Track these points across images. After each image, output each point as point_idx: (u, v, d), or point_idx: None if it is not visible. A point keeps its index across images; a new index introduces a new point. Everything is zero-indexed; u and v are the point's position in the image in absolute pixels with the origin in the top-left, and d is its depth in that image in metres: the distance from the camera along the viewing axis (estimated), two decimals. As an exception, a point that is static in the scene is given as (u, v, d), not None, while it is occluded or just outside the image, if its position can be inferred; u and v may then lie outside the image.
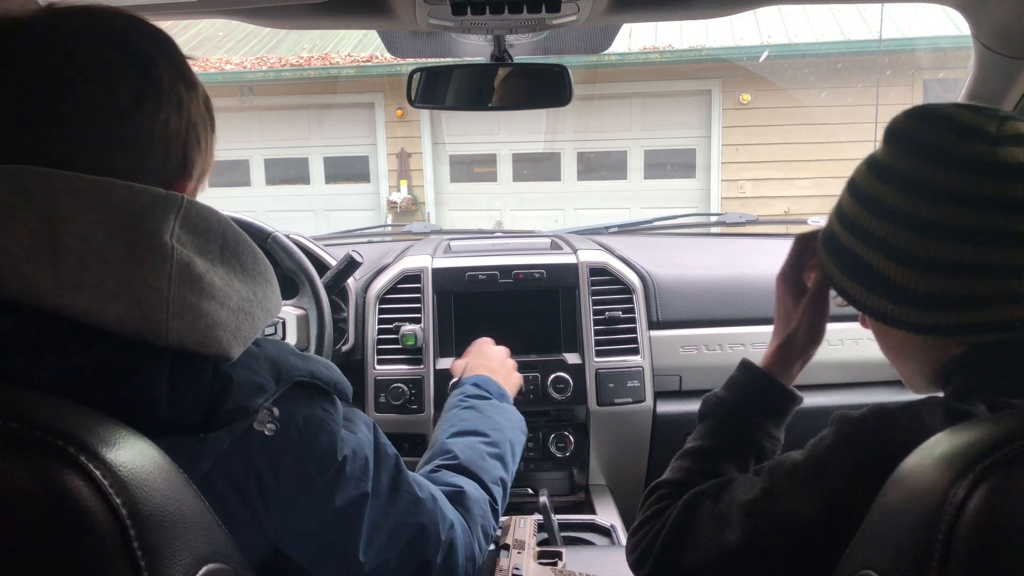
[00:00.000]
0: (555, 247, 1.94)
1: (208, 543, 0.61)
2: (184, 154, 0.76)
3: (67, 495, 0.52)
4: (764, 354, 1.00)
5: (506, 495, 1.14)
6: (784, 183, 7.45)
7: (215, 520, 0.64)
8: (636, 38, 7.72)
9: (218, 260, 0.71)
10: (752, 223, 2.34)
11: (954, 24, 5.79)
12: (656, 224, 2.43)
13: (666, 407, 1.80)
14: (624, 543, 0.97)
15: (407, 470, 0.91)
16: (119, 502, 0.54)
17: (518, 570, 1.13)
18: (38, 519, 0.52)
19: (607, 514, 1.74)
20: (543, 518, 1.52)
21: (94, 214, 0.65)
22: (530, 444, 1.80)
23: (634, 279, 1.82)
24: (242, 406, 0.69)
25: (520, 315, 1.79)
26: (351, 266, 1.70)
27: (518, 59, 1.54)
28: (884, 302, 0.80)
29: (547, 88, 1.56)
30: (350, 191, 8.55)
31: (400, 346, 1.75)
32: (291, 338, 1.62)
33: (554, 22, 1.25)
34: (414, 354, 1.76)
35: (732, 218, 2.36)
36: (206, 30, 8.22)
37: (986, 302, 0.74)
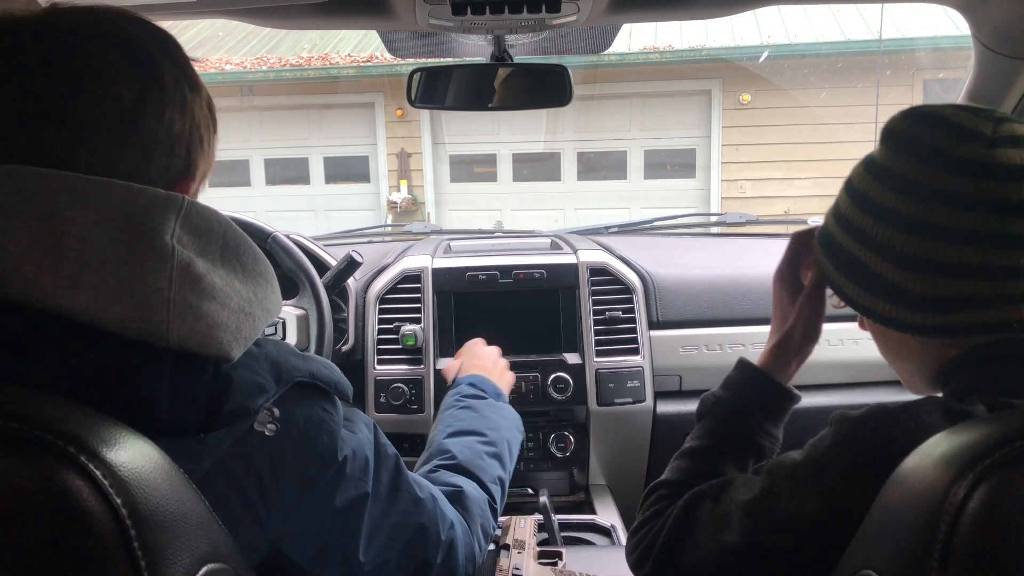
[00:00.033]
0: (555, 247, 1.94)
1: (208, 543, 0.61)
2: (188, 155, 0.76)
3: (67, 495, 0.52)
4: (761, 353, 1.00)
5: (504, 494, 1.14)
6: (784, 183, 7.45)
7: (215, 520, 0.64)
8: (636, 38, 7.72)
9: (219, 261, 0.71)
10: (752, 223, 2.34)
11: (954, 24, 5.79)
12: (656, 224, 2.43)
13: (666, 407, 1.80)
14: (624, 543, 0.97)
15: (407, 470, 0.91)
16: (119, 502, 0.54)
17: (518, 570, 1.13)
18: (38, 519, 0.52)
19: (607, 514, 1.73)
20: (543, 518, 1.52)
21: (94, 214, 0.65)
22: (530, 444, 1.80)
23: (634, 279, 1.82)
24: (242, 407, 0.69)
25: (520, 315, 1.79)
26: (351, 266, 1.70)
27: (518, 59, 1.54)
28: (881, 303, 0.80)
29: (547, 88, 1.56)
30: (350, 191, 8.55)
31: (400, 346, 1.75)
32: (291, 338, 1.62)
33: (554, 22, 1.25)
34: (414, 354, 1.76)
35: (732, 218, 2.36)
36: (206, 30, 8.21)
37: (983, 303, 0.74)
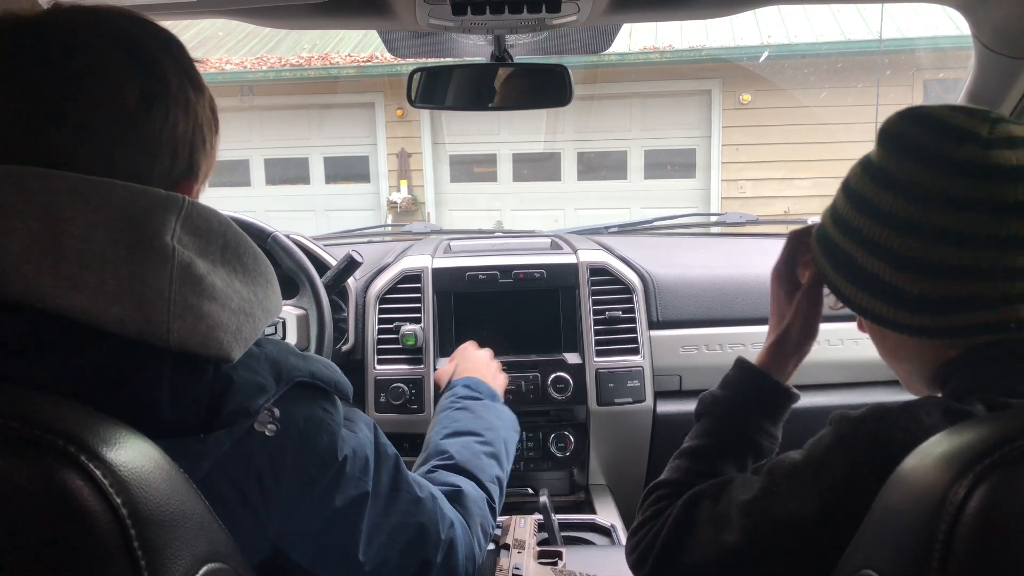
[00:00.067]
0: (555, 247, 1.94)
1: (208, 543, 0.61)
2: (191, 156, 0.76)
3: (67, 494, 0.52)
4: (759, 352, 1.00)
5: (503, 493, 1.14)
6: (784, 183, 7.45)
7: (215, 520, 0.64)
8: (636, 38, 7.71)
9: (219, 261, 0.71)
10: (752, 223, 2.34)
11: (954, 24, 5.79)
12: (656, 224, 2.43)
13: (666, 407, 1.80)
14: (624, 543, 0.97)
15: (407, 470, 0.91)
16: (119, 501, 0.54)
17: (518, 570, 1.13)
18: (38, 518, 0.52)
19: (607, 514, 1.74)
20: (543, 518, 1.52)
21: (95, 215, 0.65)
22: (530, 444, 1.80)
23: (634, 279, 1.82)
24: (243, 407, 0.69)
25: (520, 315, 1.79)
26: (351, 266, 1.70)
27: (518, 59, 1.54)
28: (878, 303, 0.80)
29: (547, 88, 1.56)
30: (350, 191, 8.55)
31: (400, 346, 1.75)
32: (291, 338, 1.62)
33: (554, 22, 1.25)
34: (414, 354, 1.76)
35: (732, 218, 2.36)
36: (206, 30, 8.21)
37: (981, 304, 0.74)
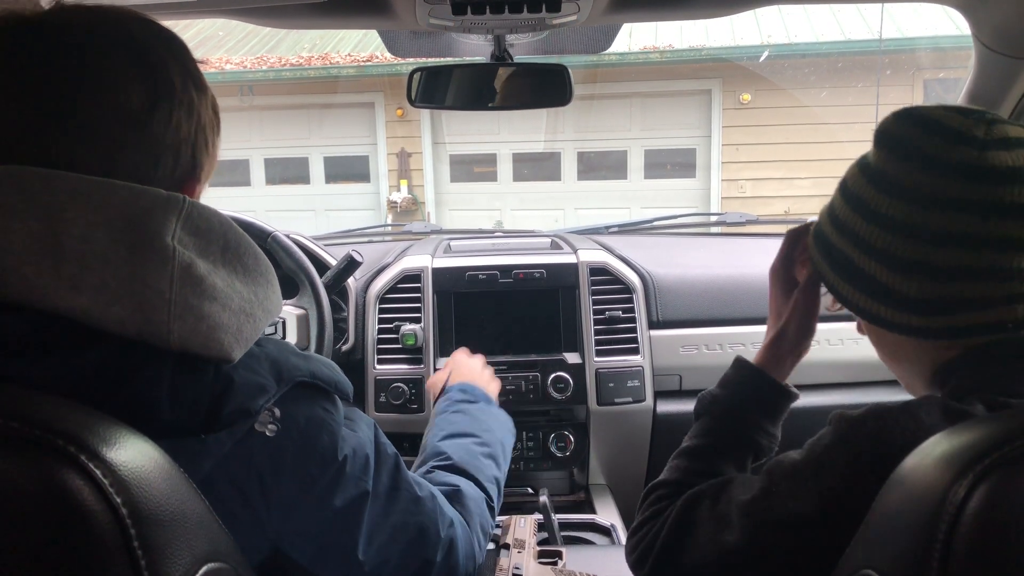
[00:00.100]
0: (555, 247, 1.94)
1: (208, 542, 0.61)
2: (194, 158, 0.76)
3: (67, 494, 0.52)
4: (758, 351, 1.00)
5: (500, 494, 1.14)
6: (784, 183, 7.45)
7: (215, 520, 0.64)
8: (636, 38, 7.71)
9: (220, 261, 0.71)
10: (752, 223, 2.34)
11: (954, 24, 5.78)
12: (656, 224, 2.43)
13: (666, 407, 1.80)
14: (624, 542, 0.97)
15: (407, 469, 0.91)
16: (119, 501, 0.54)
17: (518, 569, 1.13)
18: (38, 518, 0.52)
19: (607, 514, 1.74)
20: (543, 517, 1.52)
21: (95, 215, 0.65)
22: (530, 444, 1.80)
23: (634, 279, 1.82)
24: (243, 408, 0.69)
25: (520, 315, 1.79)
26: (351, 266, 1.70)
27: (518, 59, 1.53)
28: (875, 304, 0.80)
29: (547, 88, 1.56)
30: (350, 191, 8.55)
31: (400, 346, 1.75)
32: (291, 337, 1.62)
33: (554, 22, 1.25)
34: (414, 354, 1.76)
35: (732, 218, 2.36)
36: (206, 30, 8.21)
37: (978, 305, 0.74)
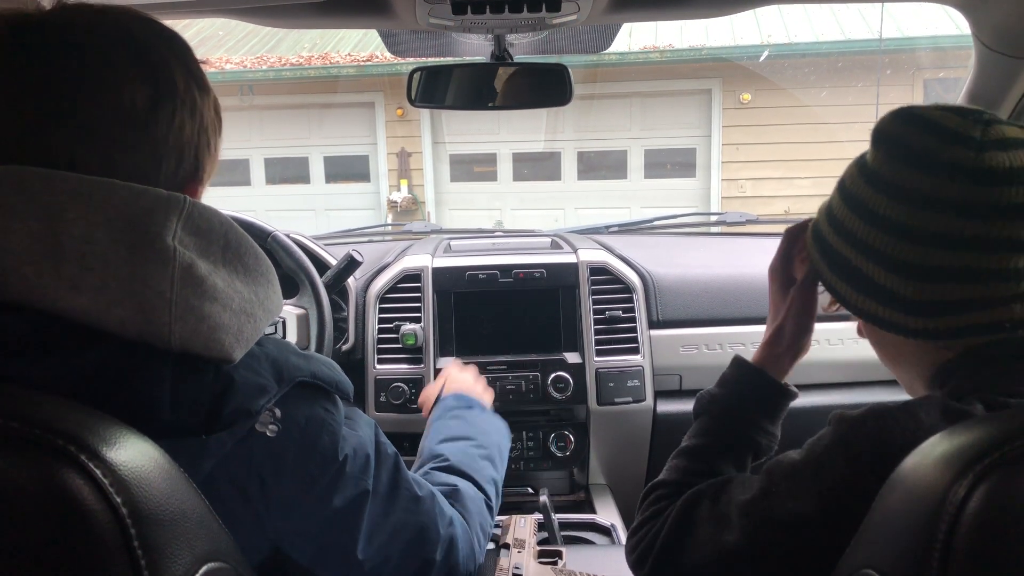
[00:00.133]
0: (555, 246, 1.94)
1: (208, 542, 0.61)
2: (196, 158, 0.76)
3: (67, 494, 0.52)
4: (756, 350, 1.00)
5: (499, 496, 1.14)
6: (784, 183, 7.45)
7: (216, 519, 0.64)
8: (636, 38, 7.71)
9: (220, 262, 0.70)
10: (752, 222, 2.34)
11: (954, 24, 5.79)
12: (656, 223, 2.43)
13: (666, 406, 1.80)
14: (624, 542, 0.97)
15: (406, 469, 0.91)
16: (119, 501, 0.54)
17: (518, 569, 1.13)
18: (38, 518, 0.52)
19: (607, 513, 1.74)
20: (543, 517, 1.52)
21: (96, 215, 0.64)
22: (530, 444, 1.80)
23: (634, 278, 1.82)
24: (244, 408, 0.69)
25: (520, 314, 1.79)
26: (351, 265, 1.70)
27: (518, 58, 1.53)
28: (873, 304, 0.80)
29: (547, 87, 1.56)
30: (350, 190, 8.55)
31: (400, 345, 1.75)
32: (291, 337, 1.62)
33: (554, 21, 1.25)
34: (414, 353, 1.76)
35: (732, 217, 2.36)
36: (206, 29, 8.21)
37: (976, 306, 0.74)
